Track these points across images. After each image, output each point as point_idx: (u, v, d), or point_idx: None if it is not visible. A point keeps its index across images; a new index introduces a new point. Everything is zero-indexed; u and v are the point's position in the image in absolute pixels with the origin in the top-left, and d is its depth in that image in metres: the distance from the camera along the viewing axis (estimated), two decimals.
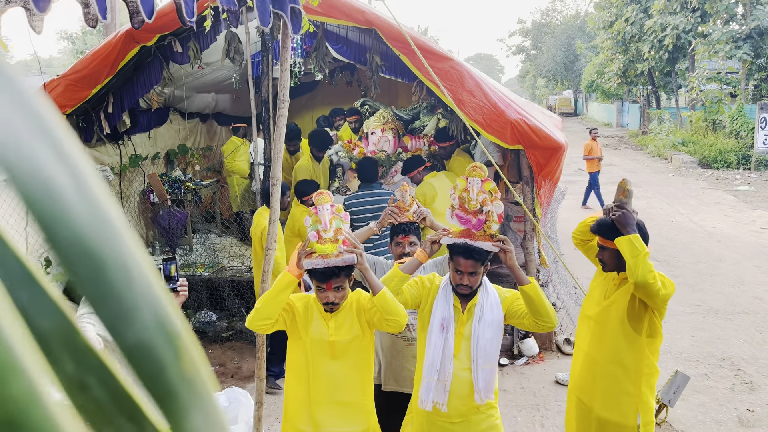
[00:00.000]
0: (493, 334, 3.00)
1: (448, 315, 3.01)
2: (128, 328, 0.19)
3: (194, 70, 6.71)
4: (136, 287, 0.19)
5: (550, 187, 6.02)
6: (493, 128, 5.52)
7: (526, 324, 2.99)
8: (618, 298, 3.21)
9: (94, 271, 0.17)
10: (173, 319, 0.20)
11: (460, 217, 2.98)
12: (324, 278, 2.91)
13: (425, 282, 3.18)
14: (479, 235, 2.92)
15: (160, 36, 5.74)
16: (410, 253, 3.55)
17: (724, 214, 12.64)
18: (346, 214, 2.96)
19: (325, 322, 3.00)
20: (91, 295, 0.18)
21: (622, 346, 3.19)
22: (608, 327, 3.22)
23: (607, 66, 31.70)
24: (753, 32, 20.20)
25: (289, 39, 3.52)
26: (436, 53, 5.65)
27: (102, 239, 0.18)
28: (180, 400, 0.20)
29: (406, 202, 3.55)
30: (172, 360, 0.20)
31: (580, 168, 19.30)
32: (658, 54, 25.53)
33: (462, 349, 3.00)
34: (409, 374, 3.54)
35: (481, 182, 2.96)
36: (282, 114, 3.38)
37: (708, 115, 22.16)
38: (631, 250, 2.99)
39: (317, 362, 2.98)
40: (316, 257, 2.87)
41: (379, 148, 6.75)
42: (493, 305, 3.03)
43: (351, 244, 2.92)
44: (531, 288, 2.89)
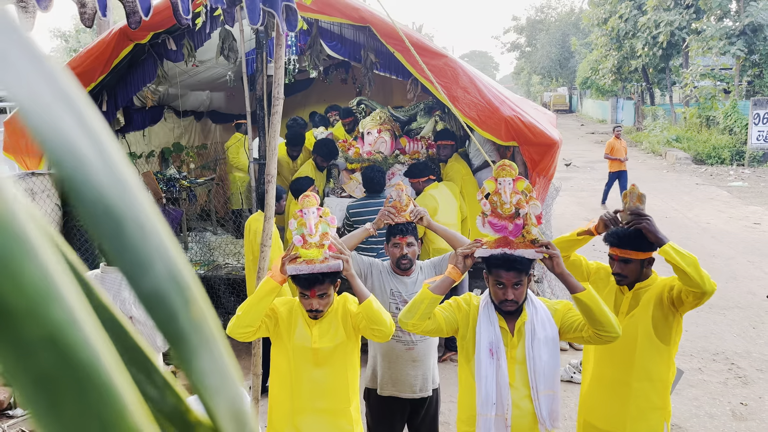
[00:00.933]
0: (551, 355, 2.69)
1: (495, 338, 2.70)
2: (144, 278, 0.21)
3: (188, 67, 6.71)
4: (150, 242, 0.21)
5: (544, 184, 6.05)
6: (487, 125, 5.54)
7: (585, 337, 2.66)
8: (640, 314, 2.97)
9: (114, 227, 0.20)
10: (183, 272, 0.23)
11: (493, 224, 2.67)
12: (308, 285, 2.79)
13: (461, 304, 2.87)
14: (518, 242, 2.63)
15: (154, 34, 5.74)
16: (408, 254, 3.45)
17: (717, 210, 12.70)
18: (332, 217, 2.83)
19: (308, 328, 2.88)
20: (112, 249, 0.21)
21: (653, 361, 2.96)
22: (636, 345, 2.95)
23: (601, 63, 31.77)
24: (746, 28, 20.28)
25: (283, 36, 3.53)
26: (431, 50, 5.66)
27: (120, 199, 0.20)
28: (190, 343, 0.23)
29: (403, 201, 3.44)
30: (182, 307, 0.23)
31: (575, 165, 19.36)
32: (652, 51, 25.60)
33: (517, 376, 2.69)
34: (409, 380, 3.45)
35: (513, 182, 2.66)
36: (277, 111, 3.40)
37: (702, 112, 22.25)
38: (683, 259, 2.73)
39: (300, 369, 2.88)
40: (300, 262, 2.75)
41: (375, 149, 6.62)
42: (544, 321, 2.72)
43: (337, 250, 2.80)
44: (587, 295, 2.56)
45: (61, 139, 0.19)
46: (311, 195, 2.84)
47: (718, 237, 10.53)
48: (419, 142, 6.74)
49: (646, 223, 2.86)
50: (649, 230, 2.86)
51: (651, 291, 3.00)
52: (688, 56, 24.26)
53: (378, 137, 6.64)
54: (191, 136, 9.08)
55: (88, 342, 0.20)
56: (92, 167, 0.20)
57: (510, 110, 5.52)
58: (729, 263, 8.97)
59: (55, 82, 0.20)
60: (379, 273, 3.53)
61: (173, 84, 7.20)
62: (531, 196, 2.65)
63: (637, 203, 2.94)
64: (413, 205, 3.47)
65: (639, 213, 2.90)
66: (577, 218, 12.18)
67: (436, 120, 6.93)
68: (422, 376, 3.49)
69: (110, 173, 0.21)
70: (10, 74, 0.19)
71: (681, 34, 23.78)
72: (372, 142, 6.70)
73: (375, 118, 6.89)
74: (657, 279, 3.05)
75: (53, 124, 0.19)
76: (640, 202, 2.94)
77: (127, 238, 0.21)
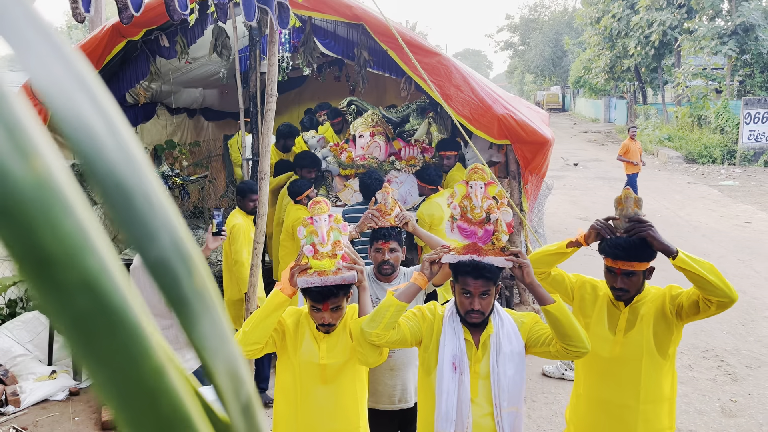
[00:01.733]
0: (516, 370, 2.55)
1: (459, 351, 2.55)
2: (151, 247, 0.24)
3: (181, 64, 6.70)
4: (157, 215, 0.24)
5: (536, 182, 6.09)
6: (480, 123, 5.57)
7: (553, 352, 2.54)
8: (641, 330, 2.73)
9: (124, 199, 0.22)
10: (186, 243, 0.25)
11: (462, 229, 2.57)
12: (321, 298, 2.59)
13: (426, 313, 2.72)
14: (488, 249, 2.52)
15: (147, 30, 5.73)
16: (390, 260, 3.31)
17: (709, 209, 12.79)
18: (345, 224, 2.66)
19: (316, 343, 2.71)
20: (121, 220, 0.23)
21: (659, 380, 2.75)
22: (642, 365, 2.72)
23: (594, 62, 31.87)
24: (738, 28, 20.39)
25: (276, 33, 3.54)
26: (424, 48, 5.68)
27: (129, 173, 0.23)
28: (192, 309, 0.25)
29: (388, 205, 3.30)
30: (185, 275, 0.25)
31: (567, 163, 19.43)
32: (645, 50, 25.71)
33: (480, 392, 2.56)
34: (387, 390, 3.31)
35: (485, 186, 2.55)
36: (270, 108, 3.41)
37: (694, 111, 22.37)
38: (701, 266, 2.52)
39: (306, 386, 2.71)
40: (311, 274, 2.56)
41: (368, 153, 6.44)
42: (510, 334, 2.59)
43: (351, 260, 2.63)
44: (557, 308, 2.45)
45: (77, 119, 0.22)
46: (322, 201, 2.66)
47: (709, 235, 10.60)
48: (414, 147, 6.56)
49: (650, 231, 2.60)
50: (654, 238, 2.60)
51: (649, 304, 2.76)
52: (680, 56, 24.38)
53: (371, 141, 6.46)
54: (184, 133, 9.07)
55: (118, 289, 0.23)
56: (105, 145, 0.22)
57: (503, 108, 5.55)
58: (719, 262, 9.03)
59: (71, 66, 0.22)
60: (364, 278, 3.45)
61: (166, 81, 7.19)
62: (502, 202, 2.55)
63: (635, 209, 2.69)
64: (399, 209, 3.35)
65: (639, 219, 2.64)
66: (570, 216, 12.24)
67: (429, 122, 6.81)
68: (401, 386, 3.33)
69: (121, 151, 0.23)
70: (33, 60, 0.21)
71: (673, 33, 23.90)
72: (364, 146, 6.52)
73: (367, 120, 6.71)
74: (651, 290, 2.83)
75: (71, 105, 0.22)
76: (638, 208, 2.70)
77: (135, 210, 0.23)
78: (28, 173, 0.20)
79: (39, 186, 0.21)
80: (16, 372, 5.08)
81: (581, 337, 2.45)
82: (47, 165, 0.21)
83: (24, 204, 0.20)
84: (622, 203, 2.73)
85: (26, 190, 0.20)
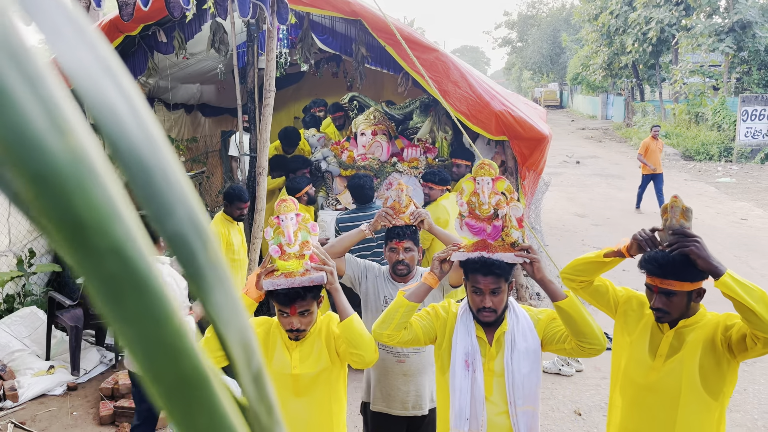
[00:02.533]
0: (531, 368, 2.48)
1: (471, 349, 2.51)
2: (168, 221, 0.26)
3: (179, 60, 6.69)
4: (174, 190, 0.26)
5: (534, 178, 6.11)
6: (478, 119, 5.58)
7: (568, 349, 2.46)
8: (684, 359, 2.41)
9: (144, 175, 0.24)
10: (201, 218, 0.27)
11: (471, 226, 2.51)
12: (287, 301, 2.46)
13: (439, 311, 2.66)
14: (497, 246, 2.46)
15: (145, 26, 5.73)
16: (405, 260, 3.19)
17: (705, 206, 12.83)
18: (314, 224, 2.54)
19: (288, 352, 2.57)
20: (142, 194, 0.25)
21: (700, 420, 2.41)
22: (680, 399, 2.41)
23: (592, 59, 31.89)
24: (735, 25, 20.43)
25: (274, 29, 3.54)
26: (422, 44, 5.69)
27: (150, 151, 0.25)
28: (207, 280, 0.28)
29: (402, 202, 3.16)
30: (201, 248, 0.27)
31: (564, 160, 19.46)
32: (642, 47, 25.74)
33: (495, 390, 2.49)
34: (399, 395, 3.22)
35: (493, 182, 2.49)
36: (268, 104, 3.42)
37: (691, 108, 22.41)
38: (747, 292, 2.19)
39: (278, 399, 2.60)
40: (278, 276, 2.44)
41: (369, 152, 6.29)
42: (526, 331, 2.53)
43: (320, 260, 2.51)
44: (569, 303, 2.37)
45: (102, 100, 0.24)
46: (289, 200, 2.56)
47: (706, 232, 10.63)
48: (417, 148, 6.40)
49: (694, 246, 2.29)
50: (699, 255, 2.28)
51: (699, 331, 2.44)
52: (677, 53, 24.42)
53: (373, 140, 6.31)
54: (181, 129, 9.07)
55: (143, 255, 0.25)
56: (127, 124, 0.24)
57: (500, 105, 5.57)
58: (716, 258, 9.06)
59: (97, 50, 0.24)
60: (374, 278, 3.32)
61: (163, 76, 7.18)
62: (512, 197, 2.48)
63: (681, 220, 2.39)
64: (414, 207, 3.21)
65: (684, 233, 2.35)
66: (567, 213, 12.26)
67: (432, 120, 6.70)
68: (415, 392, 3.24)
69: (142, 129, 0.25)
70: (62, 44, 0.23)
71: (671, 30, 23.92)
72: (366, 144, 6.38)
73: (369, 117, 6.59)
74: (706, 315, 2.48)
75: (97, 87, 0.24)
76: (685, 219, 2.39)
77: (155, 186, 0.25)
78: (64, 148, 0.23)
79: (74, 160, 0.23)
80: (14, 367, 5.09)
81: (596, 334, 2.37)
82: (80, 141, 0.23)
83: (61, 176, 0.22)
84: (667, 212, 2.43)
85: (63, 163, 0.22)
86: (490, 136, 5.69)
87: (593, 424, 4.80)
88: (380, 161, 6.22)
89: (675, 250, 2.34)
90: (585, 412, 4.97)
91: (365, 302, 3.37)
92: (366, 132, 6.46)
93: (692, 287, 2.38)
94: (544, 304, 6.12)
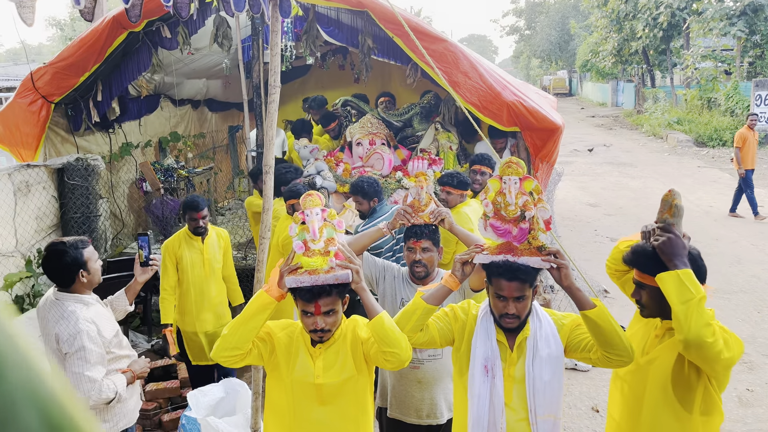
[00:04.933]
0: (553, 375, 2.38)
1: (491, 353, 2.41)
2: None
3: (184, 55, 6.60)
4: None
5: (547, 169, 5.97)
6: (489, 110, 5.45)
7: (594, 359, 2.34)
8: (660, 356, 2.37)
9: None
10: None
11: (496, 227, 2.39)
12: (311, 298, 2.35)
13: (458, 313, 2.56)
14: (523, 249, 2.34)
15: (148, 21, 5.63)
16: (423, 261, 3.07)
17: (720, 193, 12.63)
18: (340, 221, 2.43)
19: (311, 360, 2.46)
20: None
21: (666, 425, 2.34)
22: (646, 395, 2.39)
23: (601, 45, 31.56)
24: (747, 9, 20.08)
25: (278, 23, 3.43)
26: (430, 35, 5.55)
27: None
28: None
29: (422, 200, 3.03)
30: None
31: (575, 149, 19.26)
32: (653, 32, 25.40)
33: (515, 396, 2.40)
34: (413, 402, 3.13)
35: (520, 181, 2.34)
36: (273, 100, 3.31)
37: (703, 93, 22.11)
38: (680, 293, 2.14)
39: (302, 407, 2.46)
40: (302, 273, 2.34)
41: (368, 165, 5.76)
42: (549, 337, 2.42)
43: (345, 258, 2.39)
44: (597, 313, 2.24)
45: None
46: (315, 194, 2.44)
47: (721, 220, 10.46)
48: (423, 160, 5.94)
49: (663, 243, 2.22)
50: (664, 251, 2.22)
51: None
52: (688, 37, 24.06)
53: (371, 150, 5.82)
54: (188, 125, 8.98)
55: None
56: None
57: (512, 95, 5.43)
58: (733, 247, 8.91)
59: None
60: (392, 279, 3.21)
61: (169, 72, 7.09)
62: (540, 198, 2.33)
63: (666, 215, 2.30)
64: (434, 205, 3.06)
65: (663, 227, 2.27)
66: (579, 203, 12.11)
67: (436, 128, 6.37)
68: (429, 401, 3.13)
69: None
70: None
71: (682, 14, 23.57)
72: (363, 155, 5.90)
73: (365, 124, 6.17)
74: None
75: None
76: (671, 215, 2.29)
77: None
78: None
79: None
80: None
81: (625, 345, 2.26)
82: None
83: None
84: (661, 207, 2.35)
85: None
86: (502, 127, 5.56)
87: None
88: (381, 175, 5.76)
89: (652, 244, 2.29)
90: (603, 409, 4.86)
91: (382, 303, 3.28)
92: (362, 141, 6.03)
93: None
94: (558, 297, 6.00)
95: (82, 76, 5.76)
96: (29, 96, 5.73)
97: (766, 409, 4.76)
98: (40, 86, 5.71)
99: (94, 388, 2.85)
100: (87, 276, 2.99)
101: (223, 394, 3.73)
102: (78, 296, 2.99)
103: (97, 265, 3.07)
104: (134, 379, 3.12)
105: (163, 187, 7.25)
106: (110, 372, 3.02)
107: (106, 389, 2.89)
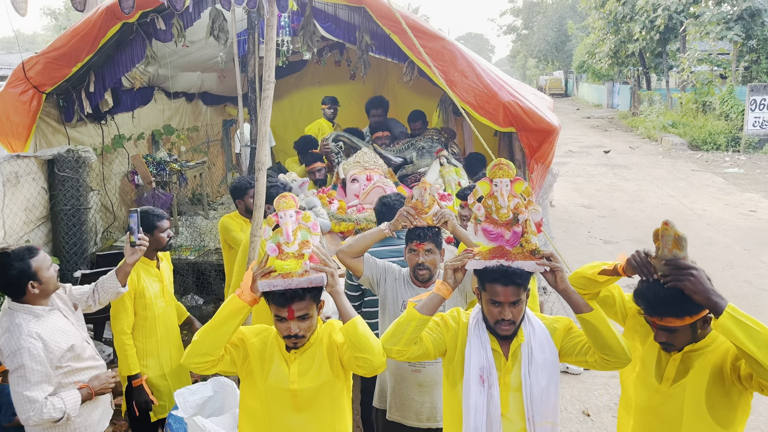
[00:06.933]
0: (549, 381, 2.35)
1: (487, 363, 2.35)
2: None
3: (178, 48, 6.52)
4: None
5: (542, 171, 5.93)
6: (485, 110, 5.41)
7: (590, 362, 2.31)
8: (690, 384, 2.27)
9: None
10: None
11: (488, 231, 2.34)
12: (284, 302, 2.29)
13: (449, 321, 2.50)
14: (516, 253, 2.30)
15: (143, 12, 5.55)
16: (425, 263, 3.03)
17: (713, 197, 12.65)
18: (315, 223, 2.38)
19: (286, 365, 2.40)
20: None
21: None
22: (682, 424, 2.27)
23: (598, 46, 31.58)
24: (744, 13, 20.10)
25: (274, 17, 3.39)
26: (428, 32, 5.50)
27: None
28: None
29: (425, 202, 2.97)
30: None
31: (570, 150, 19.27)
32: (650, 34, 25.42)
33: (511, 406, 2.36)
34: (414, 405, 3.10)
35: (511, 183, 2.31)
36: (267, 96, 3.27)
37: (698, 97, 22.15)
38: (748, 335, 1.97)
39: (276, 414, 2.41)
40: (275, 276, 2.30)
41: (368, 201, 5.38)
42: (543, 342, 2.38)
43: (320, 261, 2.34)
44: (594, 316, 2.23)
45: None
46: (289, 196, 2.38)
47: (714, 224, 10.47)
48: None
49: (689, 281, 2.07)
50: (695, 291, 2.07)
51: (709, 356, 2.27)
52: (685, 41, 24.09)
53: (368, 185, 5.45)
54: (182, 118, 8.90)
55: None
56: None
57: (508, 95, 5.39)
58: (725, 251, 8.92)
59: None
60: (393, 281, 3.16)
61: (163, 65, 7.01)
62: (531, 200, 2.30)
63: (675, 249, 2.13)
64: (438, 207, 3.01)
65: (677, 264, 2.11)
66: (573, 204, 12.11)
67: (442, 163, 6.06)
68: (430, 404, 3.10)
69: None
70: None
71: (679, 18, 23.59)
72: (360, 192, 5.53)
73: (360, 159, 5.85)
74: (718, 338, 2.28)
75: None
76: (678, 248, 2.12)
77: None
78: None
79: None
80: None
81: (622, 346, 2.24)
82: None
83: None
84: (658, 240, 2.18)
85: None
86: (498, 127, 5.53)
87: (602, 426, 4.67)
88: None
89: (669, 284, 2.13)
90: (594, 413, 4.84)
91: (383, 306, 3.22)
92: (359, 177, 5.68)
93: (693, 320, 2.20)
94: (550, 299, 5.97)
95: (74, 67, 5.68)
96: (20, 86, 5.65)
97: (758, 416, 4.75)
98: (31, 76, 5.63)
99: (34, 408, 2.67)
100: (39, 286, 2.81)
101: (211, 392, 3.67)
102: (29, 307, 2.81)
103: (50, 273, 2.88)
104: (92, 396, 2.92)
105: (155, 180, 7.18)
106: (65, 386, 2.85)
107: (50, 409, 2.71)
